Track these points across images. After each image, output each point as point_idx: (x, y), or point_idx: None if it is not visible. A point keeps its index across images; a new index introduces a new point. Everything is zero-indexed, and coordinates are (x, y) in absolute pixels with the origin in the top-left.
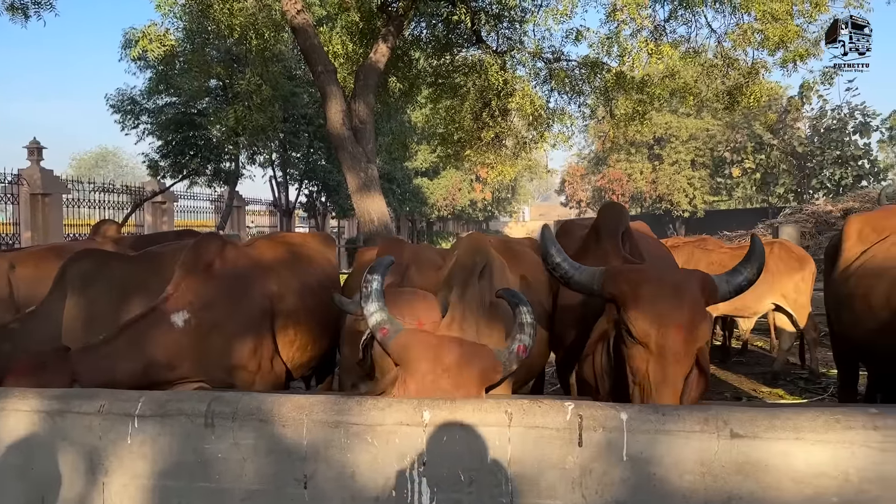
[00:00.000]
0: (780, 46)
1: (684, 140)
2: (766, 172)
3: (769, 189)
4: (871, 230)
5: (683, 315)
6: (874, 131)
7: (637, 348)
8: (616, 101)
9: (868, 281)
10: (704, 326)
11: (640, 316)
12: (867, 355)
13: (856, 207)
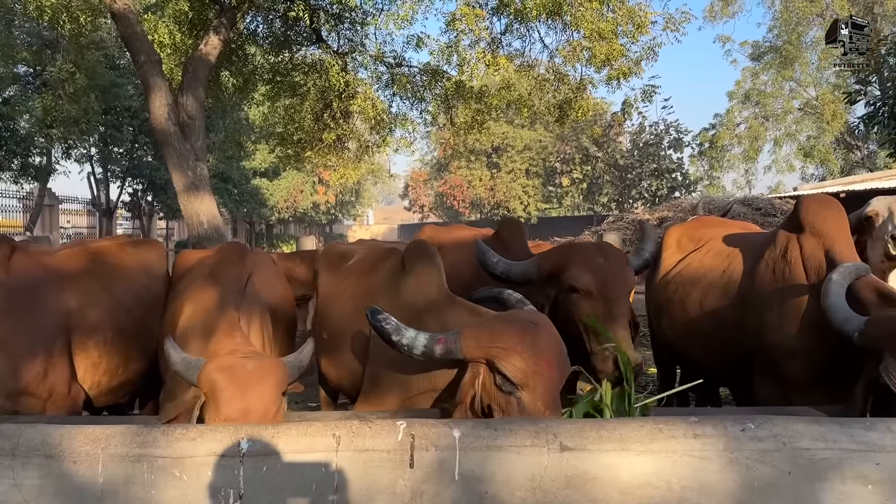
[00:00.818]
0: (605, 64)
1: (519, 150)
2: (592, 182)
3: (594, 198)
4: (689, 240)
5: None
6: (686, 147)
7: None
8: (456, 109)
9: (683, 287)
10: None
11: (581, 274)
12: (681, 356)
13: (669, 216)
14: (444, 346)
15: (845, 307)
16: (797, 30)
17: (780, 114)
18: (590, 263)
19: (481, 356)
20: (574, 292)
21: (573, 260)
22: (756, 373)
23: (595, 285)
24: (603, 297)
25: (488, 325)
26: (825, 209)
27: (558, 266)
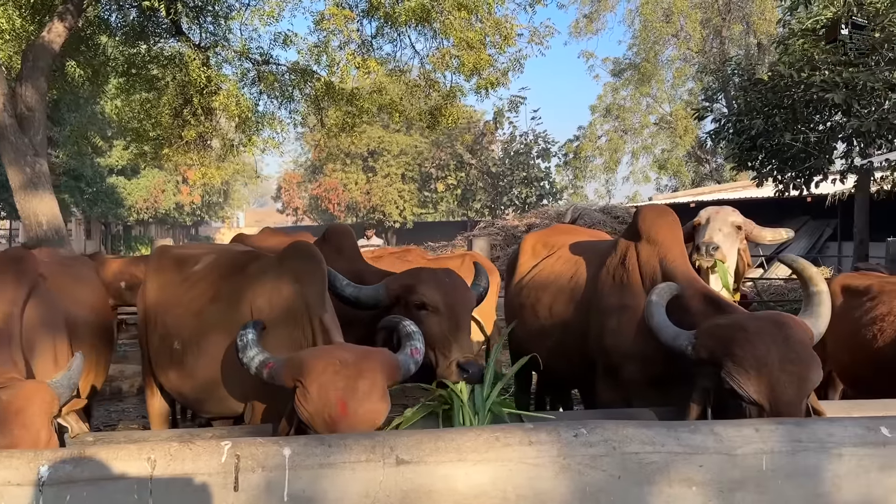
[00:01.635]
0: (474, 73)
1: (395, 154)
2: (466, 189)
3: (468, 204)
4: (543, 246)
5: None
6: (553, 157)
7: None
8: (326, 111)
9: (535, 293)
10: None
11: (430, 291)
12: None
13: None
14: (269, 372)
15: (670, 325)
16: (654, 48)
17: (638, 128)
18: (437, 283)
19: (290, 386)
20: (423, 309)
21: (421, 280)
22: (598, 376)
23: (442, 302)
24: (449, 312)
25: (301, 358)
26: (660, 218)
27: (406, 287)
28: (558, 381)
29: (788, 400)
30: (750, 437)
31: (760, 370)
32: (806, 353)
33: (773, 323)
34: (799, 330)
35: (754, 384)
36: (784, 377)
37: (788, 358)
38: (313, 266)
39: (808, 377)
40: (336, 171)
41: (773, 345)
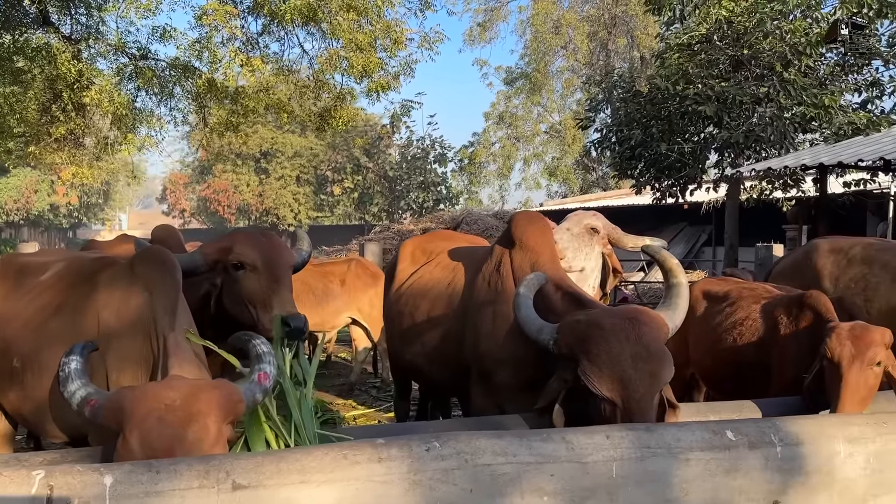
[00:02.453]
0: (364, 75)
1: (290, 156)
2: (363, 192)
3: (366, 207)
4: (422, 253)
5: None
6: (450, 162)
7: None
8: (209, 109)
9: (413, 300)
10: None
11: (246, 249)
12: (415, 370)
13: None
14: (91, 411)
15: (536, 318)
16: (544, 59)
17: (529, 135)
18: (253, 241)
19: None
20: (241, 269)
21: (237, 240)
22: (472, 382)
23: (260, 260)
24: (267, 270)
25: (121, 400)
26: (531, 225)
27: (223, 249)
28: (438, 389)
29: (639, 397)
30: (600, 445)
31: (613, 368)
32: (657, 350)
33: (627, 320)
34: (653, 326)
35: (607, 382)
36: (636, 375)
37: (640, 356)
38: (164, 274)
39: (659, 374)
40: (226, 172)
41: (626, 342)
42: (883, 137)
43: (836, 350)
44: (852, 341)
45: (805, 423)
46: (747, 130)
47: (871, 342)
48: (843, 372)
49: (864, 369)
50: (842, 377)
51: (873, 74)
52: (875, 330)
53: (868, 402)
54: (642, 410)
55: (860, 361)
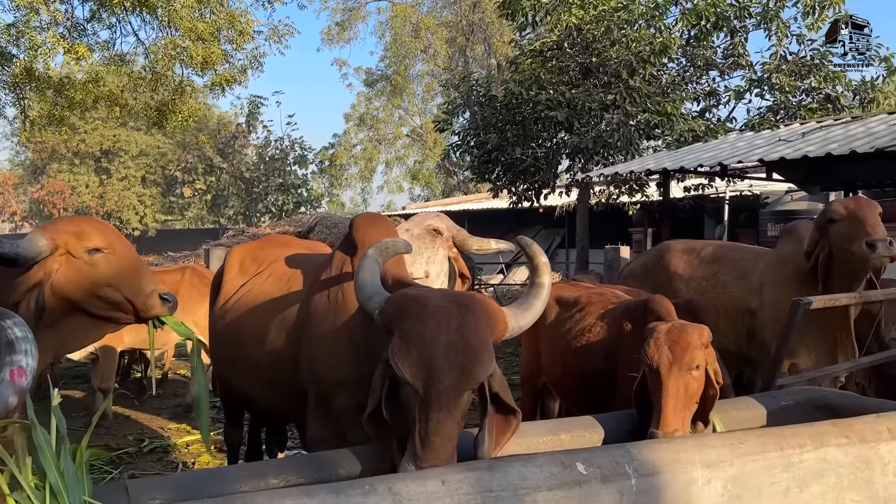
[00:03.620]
0: (206, 67)
1: (134, 155)
2: (217, 194)
3: (220, 210)
4: (252, 261)
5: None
6: (311, 163)
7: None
8: (29, 101)
9: (241, 317)
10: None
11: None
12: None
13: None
14: None
15: (375, 284)
16: (404, 62)
17: (391, 138)
18: (100, 224)
19: None
20: (97, 252)
21: (86, 221)
22: (309, 409)
23: (116, 241)
24: (126, 250)
25: None
26: (374, 227)
27: (76, 233)
28: (272, 417)
29: (442, 389)
30: (434, 493)
31: (422, 352)
32: (476, 345)
33: (457, 305)
34: (483, 319)
35: (412, 366)
36: (444, 365)
37: (455, 345)
38: None
39: (471, 371)
40: (63, 172)
41: (444, 327)
42: (720, 144)
43: (655, 356)
44: (670, 346)
45: (660, 449)
46: (596, 136)
47: (688, 345)
48: (662, 379)
49: (684, 375)
50: (661, 384)
51: (710, 84)
52: (692, 331)
53: (691, 407)
54: (442, 405)
55: (678, 367)
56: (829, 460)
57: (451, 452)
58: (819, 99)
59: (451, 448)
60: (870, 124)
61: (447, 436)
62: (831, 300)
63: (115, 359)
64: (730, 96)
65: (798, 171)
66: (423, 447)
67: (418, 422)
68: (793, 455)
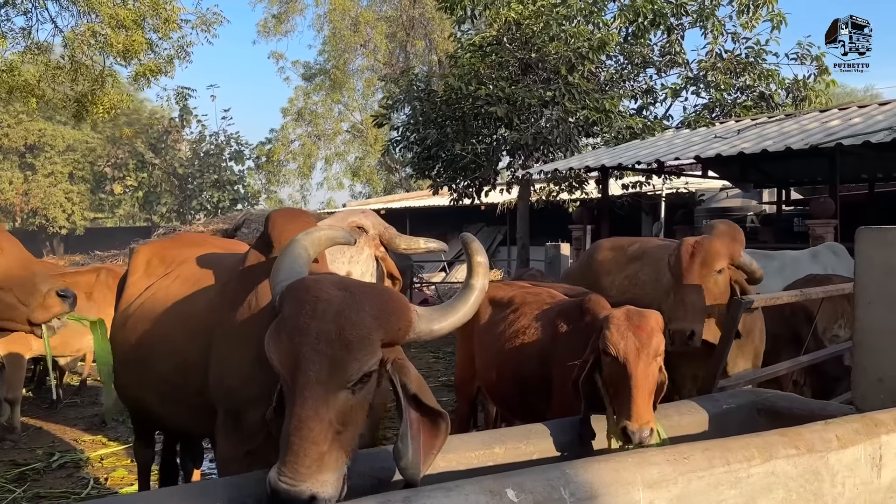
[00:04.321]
0: (127, 56)
1: (61, 150)
2: (150, 191)
3: (153, 208)
4: (159, 262)
5: None
6: (248, 159)
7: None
8: None
9: (144, 324)
10: None
11: None
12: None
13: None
14: None
15: (292, 269)
16: (343, 56)
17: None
18: None
19: None
20: None
21: None
22: (218, 426)
23: (5, 241)
24: (14, 248)
25: None
26: (292, 223)
27: None
28: (181, 434)
29: (306, 382)
30: None
31: (292, 338)
32: (353, 338)
33: (347, 293)
34: (371, 311)
35: (281, 352)
36: (312, 356)
37: (327, 336)
38: None
39: (343, 365)
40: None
41: (320, 314)
42: (657, 141)
43: (620, 344)
44: (634, 332)
45: (599, 470)
46: (535, 132)
47: (652, 330)
48: (630, 369)
49: (651, 362)
50: (629, 375)
51: (648, 82)
52: (651, 315)
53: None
54: (306, 400)
55: (646, 354)
56: (777, 474)
57: (315, 459)
58: (753, 97)
59: (317, 454)
60: (803, 121)
61: (310, 438)
62: (772, 298)
63: (22, 367)
64: (666, 94)
65: (732, 168)
66: (284, 449)
67: (287, 420)
68: (740, 470)
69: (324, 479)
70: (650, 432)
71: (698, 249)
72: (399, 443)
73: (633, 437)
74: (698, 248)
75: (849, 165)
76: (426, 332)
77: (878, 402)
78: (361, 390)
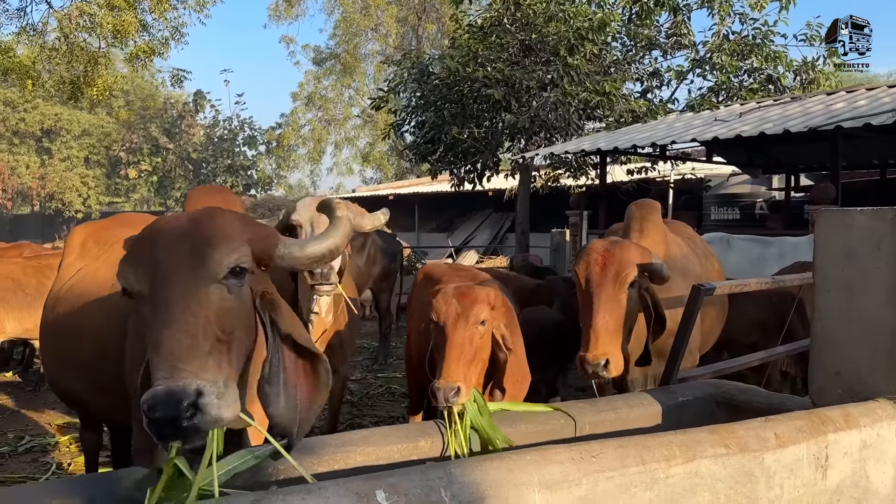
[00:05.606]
0: (118, 37)
1: (77, 135)
2: (164, 176)
3: (167, 192)
4: (95, 243)
5: None
6: (261, 144)
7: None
8: None
9: (70, 308)
10: None
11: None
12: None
13: None
14: None
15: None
16: (354, 41)
17: (341, 119)
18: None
19: None
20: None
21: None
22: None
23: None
24: None
25: None
26: (209, 198)
27: None
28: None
29: (172, 283)
30: None
31: (142, 254)
32: (212, 230)
33: (202, 212)
34: (228, 218)
35: (136, 272)
36: (169, 258)
37: (182, 233)
38: None
39: (206, 254)
40: (2, 152)
41: (169, 226)
42: (658, 125)
43: (442, 310)
44: (458, 299)
45: (490, 469)
46: (533, 115)
47: (474, 300)
48: (447, 332)
49: (469, 328)
50: (446, 338)
51: (653, 64)
52: (479, 289)
53: (476, 365)
54: (172, 297)
55: (465, 320)
56: (702, 474)
57: (195, 356)
58: (761, 80)
59: (197, 350)
60: (807, 104)
61: (186, 331)
62: (737, 285)
63: None
64: (671, 76)
65: (738, 153)
66: (154, 353)
67: (149, 334)
68: (658, 470)
69: (212, 379)
70: (456, 392)
71: (609, 259)
72: (266, 386)
73: (437, 396)
74: (609, 257)
75: (859, 150)
76: (298, 252)
77: (836, 397)
78: (238, 293)
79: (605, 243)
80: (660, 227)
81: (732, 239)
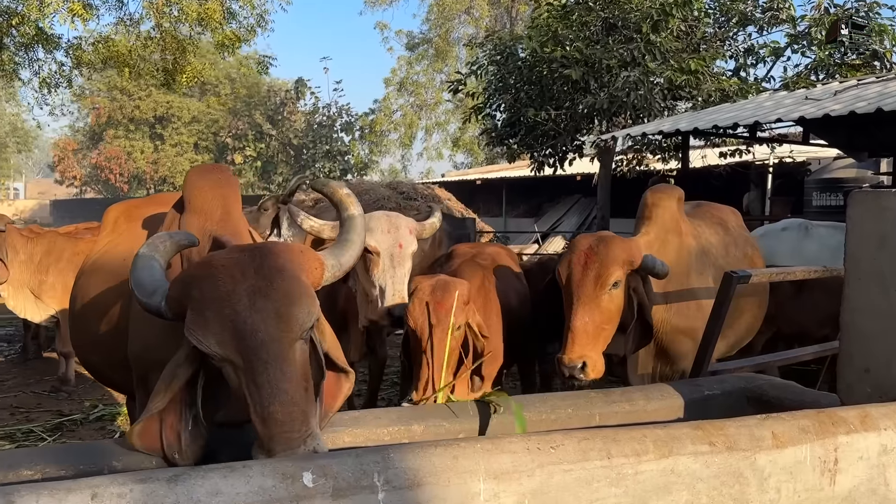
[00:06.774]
0: (203, 24)
1: (187, 122)
2: (267, 161)
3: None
4: (126, 220)
5: None
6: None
7: None
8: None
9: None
10: None
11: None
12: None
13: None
14: None
15: (153, 279)
16: (447, 25)
17: (432, 104)
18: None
19: None
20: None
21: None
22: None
23: None
24: None
25: None
26: (202, 179)
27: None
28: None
29: (259, 345)
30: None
31: (221, 311)
32: (287, 285)
33: (248, 253)
34: (284, 257)
35: (215, 332)
36: (254, 317)
37: (260, 290)
38: None
39: (290, 315)
40: (119, 138)
41: (240, 277)
42: (746, 104)
43: (419, 321)
44: (433, 307)
45: (432, 454)
46: (611, 95)
47: (449, 308)
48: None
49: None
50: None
51: (748, 41)
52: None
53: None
54: (269, 365)
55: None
56: (680, 472)
57: (302, 421)
58: (865, 56)
59: (301, 415)
60: None
61: (289, 401)
62: (778, 273)
63: None
64: (765, 53)
65: (837, 134)
66: (264, 425)
67: (250, 400)
68: (625, 465)
69: (315, 433)
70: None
71: (591, 258)
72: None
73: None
74: (591, 256)
75: None
76: (337, 266)
77: (864, 395)
78: (308, 339)
79: (590, 240)
80: (671, 215)
81: (811, 226)
